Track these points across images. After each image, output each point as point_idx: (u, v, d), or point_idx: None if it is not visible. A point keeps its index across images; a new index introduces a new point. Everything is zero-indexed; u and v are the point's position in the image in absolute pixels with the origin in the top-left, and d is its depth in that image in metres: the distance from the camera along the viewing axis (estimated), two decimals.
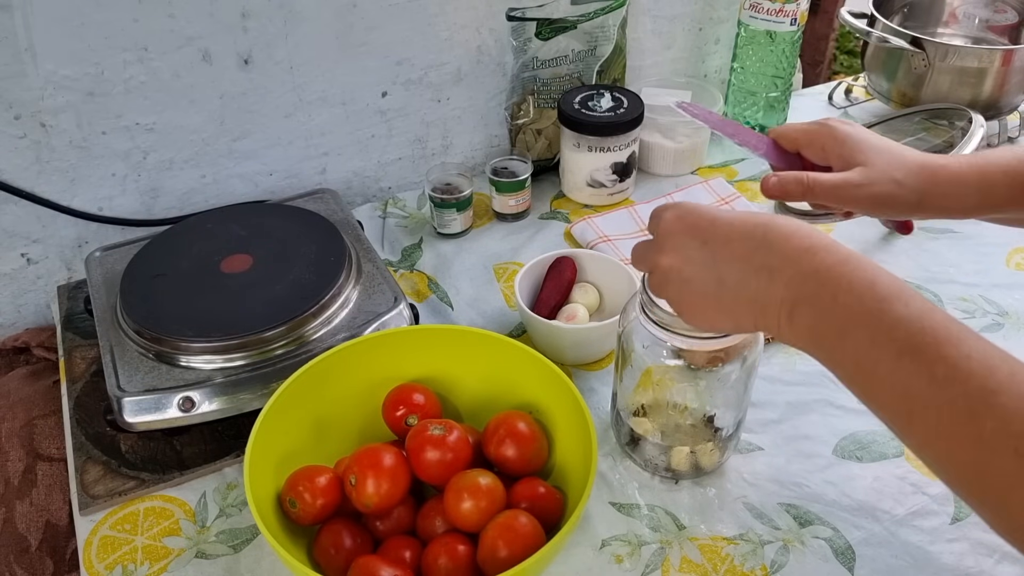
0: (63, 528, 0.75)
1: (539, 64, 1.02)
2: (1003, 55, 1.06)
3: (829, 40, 1.68)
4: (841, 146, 0.65)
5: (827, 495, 0.70)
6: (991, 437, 0.40)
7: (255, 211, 0.92)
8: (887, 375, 0.44)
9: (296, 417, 0.66)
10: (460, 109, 1.08)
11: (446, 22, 1.00)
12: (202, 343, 0.73)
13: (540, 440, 0.66)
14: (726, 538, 0.67)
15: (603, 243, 0.96)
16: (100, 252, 0.87)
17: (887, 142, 0.65)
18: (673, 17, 1.17)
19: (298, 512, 0.61)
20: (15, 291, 0.93)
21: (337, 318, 0.77)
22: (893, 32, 1.10)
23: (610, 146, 0.99)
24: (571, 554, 0.65)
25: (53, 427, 0.80)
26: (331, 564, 0.60)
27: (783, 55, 1.09)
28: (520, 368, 0.69)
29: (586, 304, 0.85)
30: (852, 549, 0.66)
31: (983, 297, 0.90)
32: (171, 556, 0.66)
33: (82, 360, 0.82)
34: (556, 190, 1.08)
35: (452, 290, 0.92)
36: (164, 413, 0.70)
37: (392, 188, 1.10)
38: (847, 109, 1.24)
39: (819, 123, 0.69)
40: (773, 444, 0.74)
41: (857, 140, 0.65)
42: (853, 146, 0.65)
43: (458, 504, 0.61)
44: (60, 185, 0.89)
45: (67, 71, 0.83)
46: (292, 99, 0.96)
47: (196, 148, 0.94)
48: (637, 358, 0.65)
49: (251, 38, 0.90)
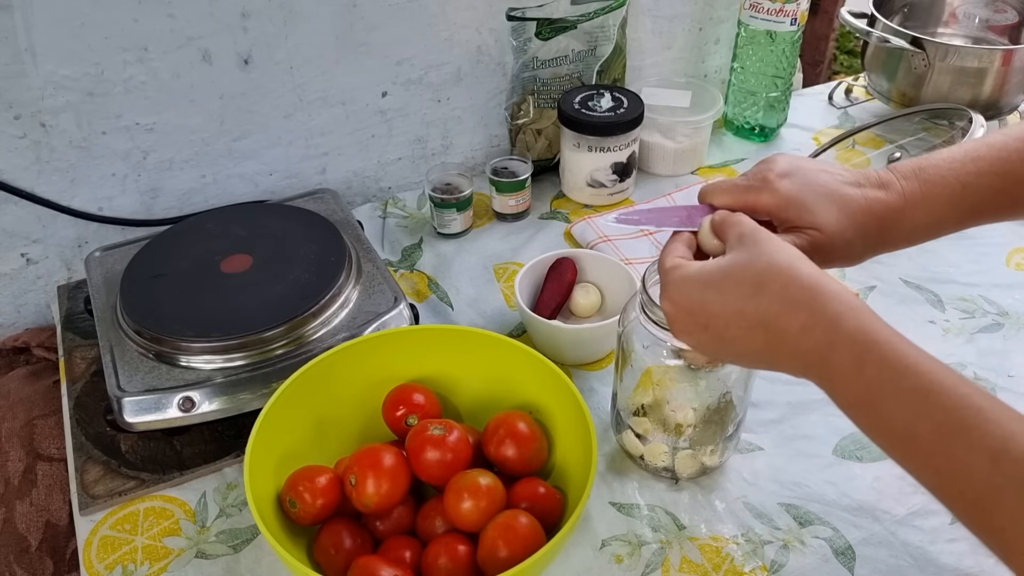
0: (63, 528, 0.75)
1: (539, 64, 1.02)
2: (1003, 55, 1.06)
3: (829, 40, 1.68)
4: (785, 211, 0.56)
5: (827, 495, 0.70)
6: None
7: (255, 211, 0.92)
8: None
9: (296, 417, 0.66)
10: (460, 109, 1.08)
11: (446, 22, 1.00)
12: (202, 343, 0.73)
13: (540, 440, 0.66)
14: (726, 538, 0.67)
15: (603, 243, 0.96)
16: (100, 252, 0.87)
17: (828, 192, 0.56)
18: (673, 17, 1.17)
19: (298, 512, 0.61)
20: (15, 291, 0.93)
21: (337, 318, 0.77)
22: (893, 32, 1.10)
23: (610, 146, 0.99)
24: (571, 554, 0.65)
25: (53, 427, 0.80)
26: (331, 564, 0.60)
27: (783, 55, 1.09)
28: (520, 368, 0.69)
29: (587, 304, 0.85)
30: (852, 549, 0.66)
31: (983, 297, 0.90)
32: (171, 556, 0.66)
33: (82, 360, 0.82)
34: (556, 190, 1.08)
35: (452, 290, 0.92)
36: (164, 413, 0.70)
37: (392, 188, 1.10)
38: (847, 109, 1.24)
39: (756, 184, 0.58)
40: (773, 444, 0.74)
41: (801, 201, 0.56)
42: (799, 208, 0.56)
43: (458, 504, 0.61)
44: (60, 185, 0.89)
45: (67, 71, 0.83)
46: (292, 99, 0.96)
47: (196, 148, 0.94)
48: (637, 358, 0.65)
49: (251, 38, 0.90)
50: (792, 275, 0.49)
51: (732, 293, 0.50)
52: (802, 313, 0.48)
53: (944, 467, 0.42)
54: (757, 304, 0.49)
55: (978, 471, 0.41)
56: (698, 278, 0.52)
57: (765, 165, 0.59)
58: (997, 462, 0.40)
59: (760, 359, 0.52)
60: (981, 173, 0.57)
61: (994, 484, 0.40)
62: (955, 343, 0.84)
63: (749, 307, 0.50)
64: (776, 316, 0.49)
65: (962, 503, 0.42)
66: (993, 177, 0.57)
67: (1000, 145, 0.57)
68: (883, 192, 0.57)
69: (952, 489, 0.43)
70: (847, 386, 0.47)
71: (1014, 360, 0.82)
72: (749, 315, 0.50)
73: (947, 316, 0.88)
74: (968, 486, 0.41)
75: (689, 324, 0.53)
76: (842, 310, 0.47)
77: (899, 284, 0.91)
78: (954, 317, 0.87)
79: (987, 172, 0.57)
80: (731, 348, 0.52)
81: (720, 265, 0.52)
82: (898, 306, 0.89)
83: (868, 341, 0.46)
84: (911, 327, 0.85)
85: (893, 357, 0.45)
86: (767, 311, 0.49)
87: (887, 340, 0.46)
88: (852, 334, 0.46)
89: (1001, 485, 0.40)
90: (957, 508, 0.43)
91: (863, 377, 0.45)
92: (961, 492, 0.42)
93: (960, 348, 0.84)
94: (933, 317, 0.88)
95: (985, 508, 0.41)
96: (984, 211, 0.58)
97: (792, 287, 0.49)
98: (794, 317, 0.48)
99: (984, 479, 0.41)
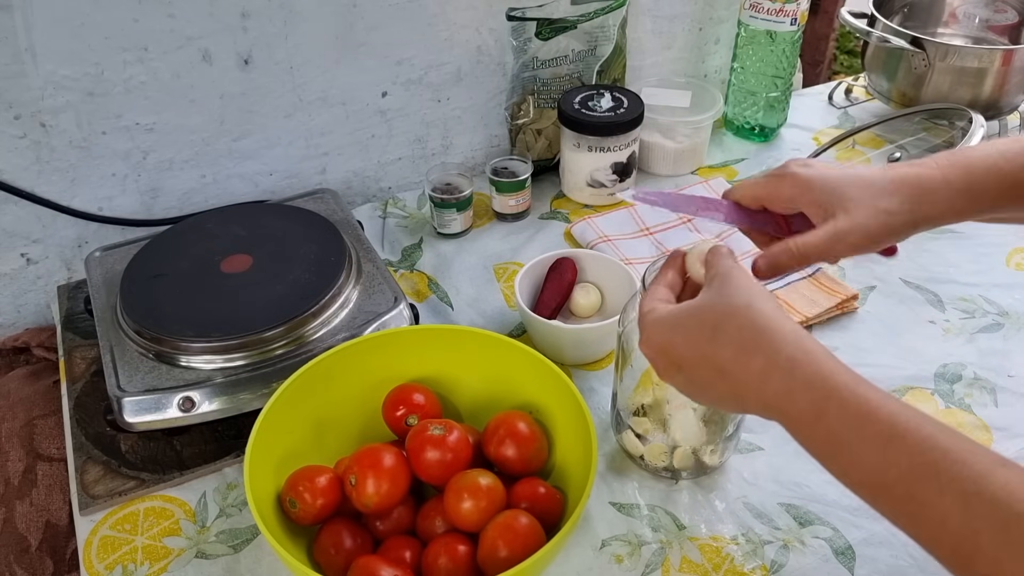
0: (63, 528, 0.75)
1: (539, 64, 1.02)
2: (1003, 55, 1.06)
3: (829, 40, 1.68)
4: (811, 192, 0.58)
5: (827, 495, 0.70)
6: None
7: (255, 211, 0.92)
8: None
9: (296, 417, 0.66)
10: (460, 109, 1.08)
11: (446, 22, 1.00)
12: (202, 343, 0.73)
13: (540, 440, 0.66)
14: (726, 538, 0.67)
15: (603, 243, 0.96)
16: (100, 252, 0.87)
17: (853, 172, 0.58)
18: (673, 17, 1.17)
19: (298, 512, 0.61)
20: (15, 291, 0.93)
21: (337, 318, 0.77)
22: (893, 32, 1.10)
23: (610, 146, 0.99)
24: (571, 554, 0.65)
25: (53, 427, 0.80)
26: (331, 564, 0.60)
27: (783, 55, 1.09)
28: (520, 368, 0.69)
29: (587, 304, 0.85)
30: (852, 549, 0.66)
31: (983, 297, 0.90)
32: (171, 556, 0.66)
33: (82, 360, 0.82)
34: (556, 190, 1.08)
35: (452, 290, 0.92)
36: (164, 413, 0.70)
37: (392, 188, 1.10)
38: (847, 109, 1.24)
39: (776, 174, 0.60)
40: (773, 444, 0.74)
41: (824, 181, 0.57)
42: (824, 189, 0.57)
43: (458, 504, 0.61)
44: (60, 185, 0.89)
45: (67, 71, 0.83)
46: (292, 99, 0.96)
47: (196, 148, 0.94)
48: (637, 358, 0.65)
49: (251, 38, 0.90)
50: (747, 317, 0.48)
51: (695, 334, 0.50)
52: (758, 358, 0.47)
53: (918, 514, 0.41)
54: (716, 348, 0.49)
55: (952, 517, 0.40)
56: (668, 320, 0.52)
57: (785, 163, 0.60)
58: (969, 505, 0.39)
59: (730, 404, 0.51)
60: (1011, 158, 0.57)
61: (970, 529, 0.39)
62: (955, 343, 0.84)
63: (709, 350, 0.49)
64: (734, 361, 0.48)
65: (942, 550, 0.41)
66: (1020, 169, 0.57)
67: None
68: (915, 168, 0.57)
69: (929, 536, 0.41)
70: (810, 433, 0.46)
71: (1014, 360, 0.82)
72: (711, 359, 0.49)
73: (947, 316, 0.88)
74: (944, 533, 0.40)
75: (666, 365, 0.53)
76: (797, 355, 0.46)
77: (899, 284, 0.91)
78: (954, 317, 0.87)
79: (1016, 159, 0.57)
80: (703, 392, 0.52)
81: (688, 306, 0.52)
82: (898, 306, 0.89)
83: (827, 388, 0.45)
84: (911, 327, 0.86)
85: (853, 403, 0.44)
86: (724, 355, 0.48)
87: (845, 385, 0.45)
88: (809, 381, 0.45)
89: (978, 529, 0.39)
90: (939, 555, 0.41)
91: (824, 425, 0.45)
92: (939, 539, 0.41)
93: (960, 348, 0.84)
94: (933, 317, 0.88)
95: (965, 554, 0.40)
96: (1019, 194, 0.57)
97: (747, 328, 0.48)
98: (751, 362, 0.47)
99: (959, 525, 0.39)
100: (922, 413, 0.43)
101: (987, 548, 0.39)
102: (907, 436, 0.42)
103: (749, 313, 0.49)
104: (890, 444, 0.42)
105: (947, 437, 0.41)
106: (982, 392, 0.79)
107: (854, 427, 0.43)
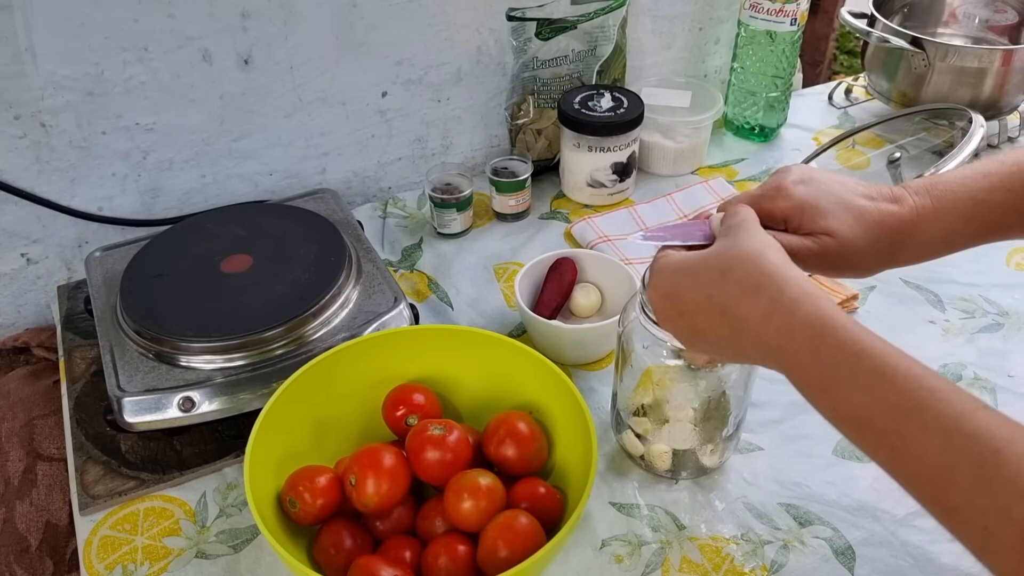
0: (63, 528, 0.75)
1: (539, 64, 1.02)
2: (1003, 55, 1.06)
3: (829, 40, 1.68)
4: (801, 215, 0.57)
5: (827, 495, 0.70)
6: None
7: (255, 211, 0.92)
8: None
9: (296, 417, 0.66)
10: (460, 109, 1.08)
11: (446, 22, 1.00)
12: (202, 343, 0.73)
13: (540, 440, 0.66)
14: (726, 538, 0.67)
15: (603, 243, 0.96)
16: (100, 252, 0.87)
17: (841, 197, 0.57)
18: (673, 17, 1.17)
19: (298, 512, 0.61)
20: (15, 291, 0.93)
21: (337, 318, 0.77)
22: (893, 32, 1.10)
23: (610, 146, 0.99)
24: (571, 554, 0.65)
25: (53, 427, 0.80)
26: (331, 564, 0.60)
27: (783, 55, 1.09)
28: (520, 368, 0.69)
29: (587, 304, 0.85)
30: (852, 549, 0.66)
31: (983, 297, 0.90)
32: (171, 556, 0.66)
33: (82, 360, 0.82)
34: (556, 190, 1.08)
35: (452, 290, 0.92)
36: (164, 413, 0.70)
37: (392, 188, 1.10)
38: (847, 109, 1.24)
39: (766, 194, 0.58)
40: (773, 444, 0.74)
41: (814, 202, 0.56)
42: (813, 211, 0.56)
43: (458, 504, 0.61)
44: (60, 185, 0.89)
45: (67, 71, 0.83)
46: (292, 99, 0.96)
47: (196, 148, 0.94)
48: (637, 358, 0.65)
49: (251, 38, 0.90)
50: (757, 262, 0.50)
51: (702, 278, 0.52)
52: (762, 299, 0.49)
53: (899, 447, 0.43)
54: (722, 289, 0.50)
55: (932, 450, 0.41)
56: (677, 264, 0.54)
57: (780, 174, 0.60)
58: (949, 439, 0.41)
59: (727, 347, 0.52)
60: (993, 189, 0.57)
61: (947, 461, 0.41)
62: (955, 343, 0.84)
63: (715, 292, 0.51)
64: (737, 302, 0.50)
65: (917, 483, 0.43)
66: (1005, 193, 0.57)
67: (1012, 161, 0.58)
68: (896, 206, 0.57)
69: (907, 468, 0.43)
70: (805, 370, 0.48)
71: (1014, 360, 0.82)
72: (715, 300, 0.51)
73: (947, 316, 0.88)
74: (922, 465, 0.42)
75: (667, 310, 0.54)
76: (800, 296, 0.48)
77: (899, 284, 0.91)
78: (954, 317, 0.87)
79: (999, 188, 0.57)
80: (702, 336, 0.53)
81: (699, 253, 0.54)
82: (898, 306, 0.89)
83: (825, 326, 0.47)
84: (911, 327, 0.86)
85: (849, 341, 0.46)
86: (729, 296, 0.50)
87: (843, 325, 0.47)
88: (809, 319, 0.47)
89: (954, 462, 0.40)
90: (913, 488, 0.43)
91: (819, 360, 0.46)
92: (916, 472, 0.42)
93: (960, 348, 0.84)
94: (933, 317, 0.88)
95: (939, 486, 0.41)
96: (996, 227, 0.58)
97: (755, 273, 0.50)
98: (755, 303, 0.49)
99: (937, 457, 0.41)
100: (912, 357, 0.45)
101: (961, 481, 0.40)
102: (897, 374, 0.44)
103: (759, 260, 0.50)
104: (881, 380, 0.44)
105: (935, 379, 0.43)
106: (982, 392, 0.79)
107: (848, 362, 0.45)
